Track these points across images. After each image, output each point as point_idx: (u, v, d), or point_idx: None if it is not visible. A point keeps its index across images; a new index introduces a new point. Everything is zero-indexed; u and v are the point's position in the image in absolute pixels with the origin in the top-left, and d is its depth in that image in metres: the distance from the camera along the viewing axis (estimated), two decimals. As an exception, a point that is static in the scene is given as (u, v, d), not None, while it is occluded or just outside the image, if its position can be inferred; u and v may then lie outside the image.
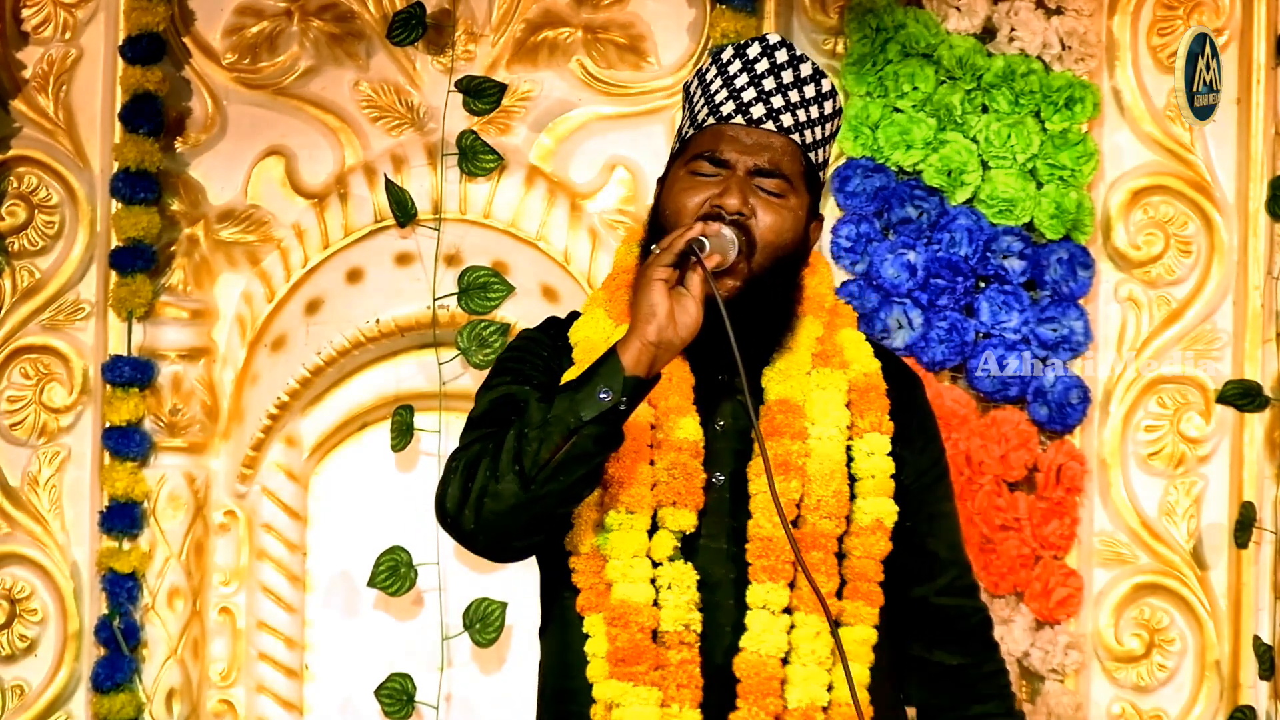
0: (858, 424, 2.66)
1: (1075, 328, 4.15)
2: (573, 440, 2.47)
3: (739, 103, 2.63)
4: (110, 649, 4.27)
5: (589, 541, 2.61)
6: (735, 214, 2.58)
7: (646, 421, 2.61)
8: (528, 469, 2.48)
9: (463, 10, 4.31)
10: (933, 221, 4.16)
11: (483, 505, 2.51)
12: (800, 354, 2.67)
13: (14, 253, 4.38)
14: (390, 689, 4.24)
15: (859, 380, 2.67)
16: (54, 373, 4.37)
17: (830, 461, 2.62)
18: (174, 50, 4.36)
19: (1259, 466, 4.21)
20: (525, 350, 2.74)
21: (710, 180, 2.61)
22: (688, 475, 2.59)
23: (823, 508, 2.60)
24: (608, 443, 2.49)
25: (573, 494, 2.52)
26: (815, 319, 2.70)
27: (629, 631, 2.57)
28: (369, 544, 4.28)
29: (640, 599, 2.57)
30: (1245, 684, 4.20)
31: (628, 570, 2.58)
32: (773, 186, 2.62)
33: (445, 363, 4.28)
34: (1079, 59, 4.17)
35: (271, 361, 4.34)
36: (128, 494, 4.27)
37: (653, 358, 2.48)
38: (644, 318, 2.47)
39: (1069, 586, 4.14)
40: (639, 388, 2.48)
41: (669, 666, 2.57)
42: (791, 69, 2.64)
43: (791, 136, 2.63)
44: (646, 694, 2.56)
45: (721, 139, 2.63)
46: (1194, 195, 4.24)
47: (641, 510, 2.59)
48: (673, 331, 2.48)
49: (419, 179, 4.30)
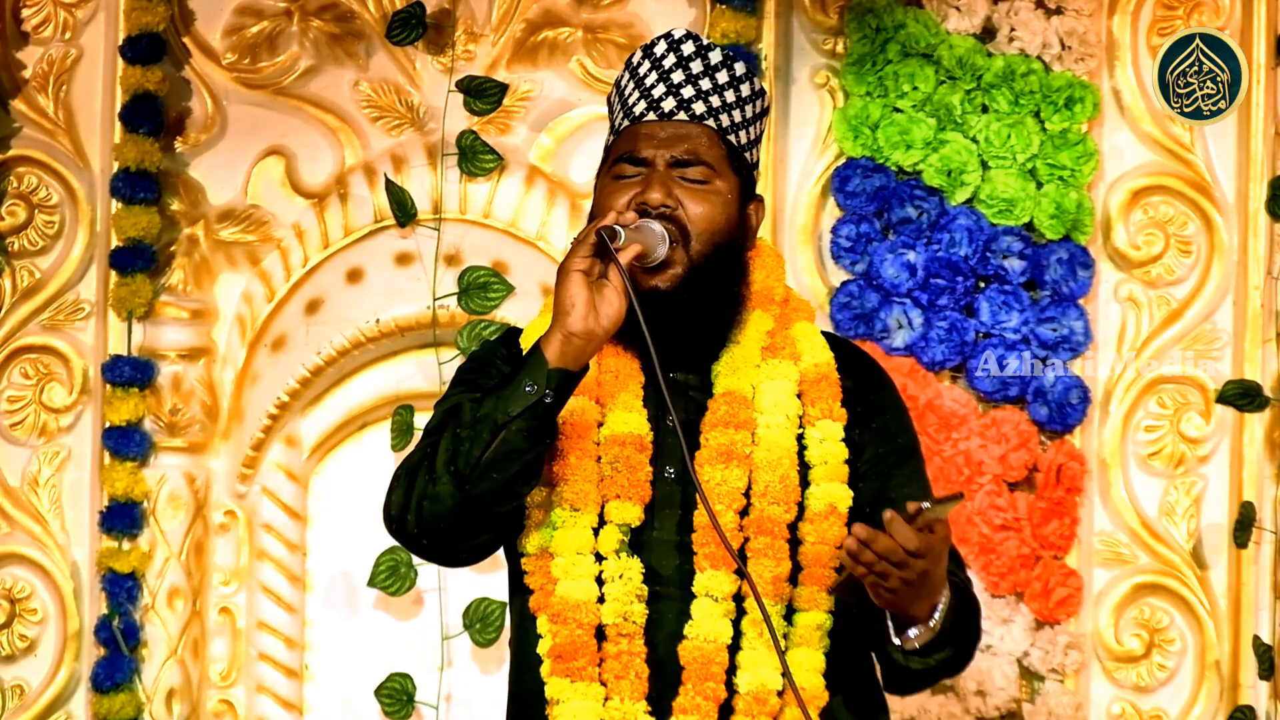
0: (809, 412, 2.65)
1: (1075, 328, 4.15)
2: (501, 436, 2.48)
3: (650, 100, 2.65)
4: (110, 649, 4.27)
5: (537, 541, 2.62)
6: (660, 207, 2.59)
7: (593, 419, 2.62)
8: (461, 468, 2.50)
9: (463, 10, 4.31)
10: (933, 221, 4.16)
11: (423, 508, 2.54)
12: (748, 347, 2.67)
13: (14, 253, 4.38)
14: (390, 689, 4.25)
15: (810, 370, 2.67)
16: (54, 373, 4.37)
17: (778, 449, 2.62)
18: (174, 50, 4.36)
19: (1259, 466, 4.21)
20: (482, 361, 2.76)
21: (633, 180, 2.63)
22: (632, 469, 2.60)
23: (770, 493, 2.60)
24: (537, 437, 2.50)
25: (510, 491, 2.53)
26: (765, 312, 2.70)
27: (569, 628, 2.58)
28: (369, 544, 4.28)
29: (582, 595, 2.58)
30: (1245, 684, 4.20)
31: (571, 567, 2.59)
32: (695, 174, 2.63)
33: (445, 363, 4.28)
34: (1079, 59, 4.17)
35: (271, 361, 4.34)
36: (128, 494, 4.27)
37: (577, 350, 2.49)
38: (563, 310, 2.49)
39: (1069, 586, 4.14)
40: (564, 380, 2.49)
41: (610, 659, 2.57)
42: (700, 59, 2.66)
43: (706, 123, 2.64)
44: (587, 689, 2.57)
45: (638, 138, 2.65)
46: (1194, 195, 4.24)
47: (587, 507, 2.60)
48: (594, 321, 2.49)
49: (419, 179, 4.30)
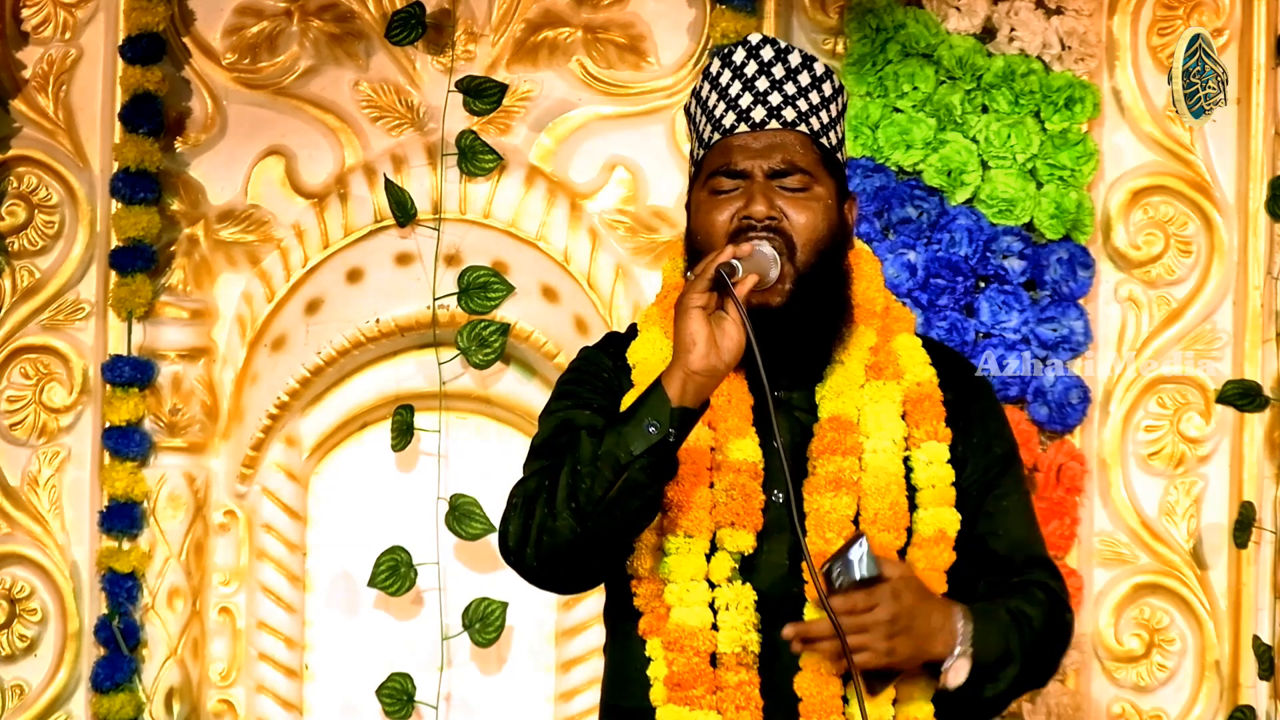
0: (914, 434, 2.65)
1: (1075, 328, 4.15)
2: (624, 475, 2.47)
3: (738, 111, 2.63)
4: (110, 649, 4.27)
5: (648, 565, 2.61)
6: (766, 219, 2.58)
7: (706, 444, 2.61)
8: (583, 505, 2.48)
9: (463, 10, 4.31)
10: (933, 221, 4.16)
11: (542, 542, 2.52)
12: (853, 367, 2.66)
13: (14, 253, 4.38)
14: (390, 689, 4.25)
15: (913, 390, 2.66)
16: (54, 373, 4.37)
17: (885, 475, 2.61)
18: (174, 50, 4.36)
19: (1259, 466, 4.21)
20: (584, 372, 2.73)
21: (732, 194, 2.61)
22: (746, 496, 2.59)
23: (880, 520, 2.60)
24: (660, 474, 2.49)
25: (631, 525, 2.53)
26: (867, 327, 2.68)
27: (685, 655, 2.57)
28: (369, 544, 4.28)
29: (697, 622, 2.57)
30: (1245, 684, 4.20)
31: (685, 594, 2.58)
32: (794, 183, 2.61)
33: (445, 363, 4.27)
34: (1079, 59, 4.17)
35: (271, 361, 4.34)
36: (128, 494, 4.27)
37: (698, 386, 2.48)
38: (684, 347, 2.47)
39: (1069, 586, 4.13)
40: (686, 418, 2.48)
41: (727, 688, 2.56)
42: (781, 63, 2.64)
43: (798, 129, 2.62)
44: (704, 717, 2.56)
45: (731, 150, 2.62)
46: (1194, 195, 4.24)
47: (700, 534, 2.59)
48: (715, 358, 2.47)
49: (419, 179, 4.30)
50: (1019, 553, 2.69)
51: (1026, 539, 2.72)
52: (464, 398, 4.30)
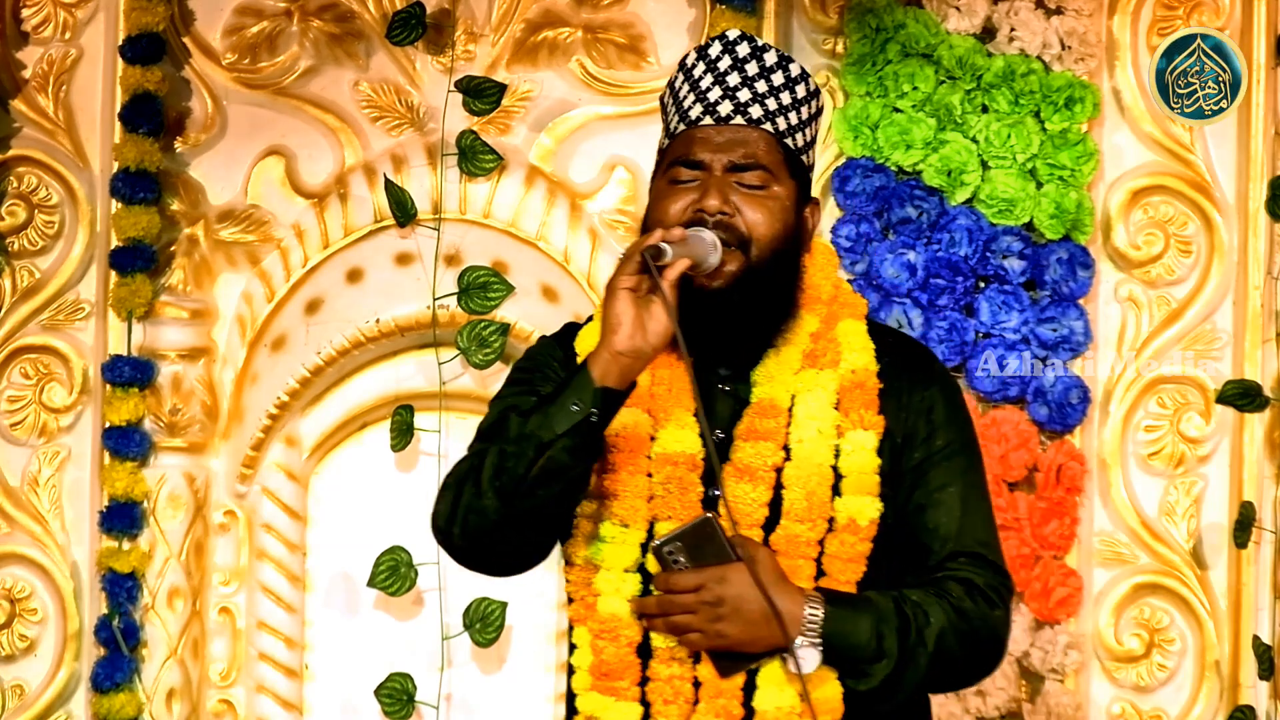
0: (842, 423, 2.61)
1: (1075, 328, 4.15)
2: (547, 455, 2.47)
3: (705, 103, 2.62)
4: (110, 649, 4.27)
5: (583, 553, 2.61)
6: (718, 214, 2.57)
7: (646, 433, 2.60)
8: (506, 485, 2.49)
9: (463, 10, 4.31)
10: (933, 221, 4.16)
11: (469, 521, 2.53)
12: (789, 353, 2.64)
13: (14, 253, 4.38)
14: (390, 689, 4.25)
15: (848, 377, 2.63)
16: (54, 373, 4.37)
17: (809, 464, 2.59)
18: (174, 50, 4.36)
19: (1259, 466, 4.21)
20: (537, 360, 2.73)
21: (689, 185, 2.60)
22: (682, 489, 2.58)
23: (794, 512, 2.57)
24: (583, 454, 2.49)
25: (556, 507, 2.53)
26: (811, 313, 2.66)
27: (616, 645, 2.57)
28: (369, 544, 4.28)
29: (627, 613, 2.57)
30: (1245, 684, 4.20)
31: (619, 584, 2.57)
32: (753, 179, 2.60)
33: (445, 363, 4.28)
34: (1079, 59, 4.17)
35: (271, 361, 4.34)
36: (128, 494, 4.27)
37: (622, 367, 2.47)
38: (609, 328, 2.47)
39: (1069, 586, 4.14)
40: (609, 398, 2.48)
41: (658, 681, 2.56)
42: (755, 60, 2.63)
43: (763, 127, 2.61)
44: (627, 709, 2.56)
45: (693, 142, 2.62)
46: (1194, 195, 4.24)
47: (636, 523, 2.58)
48: (641, 339, 2.47)
49: (419, 179, 4.30)
50: (946, 545, 2.61)
51: (957, 531, 2.62)
52: (464, 398, 4.30)
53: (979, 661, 2.59)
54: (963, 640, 2.55)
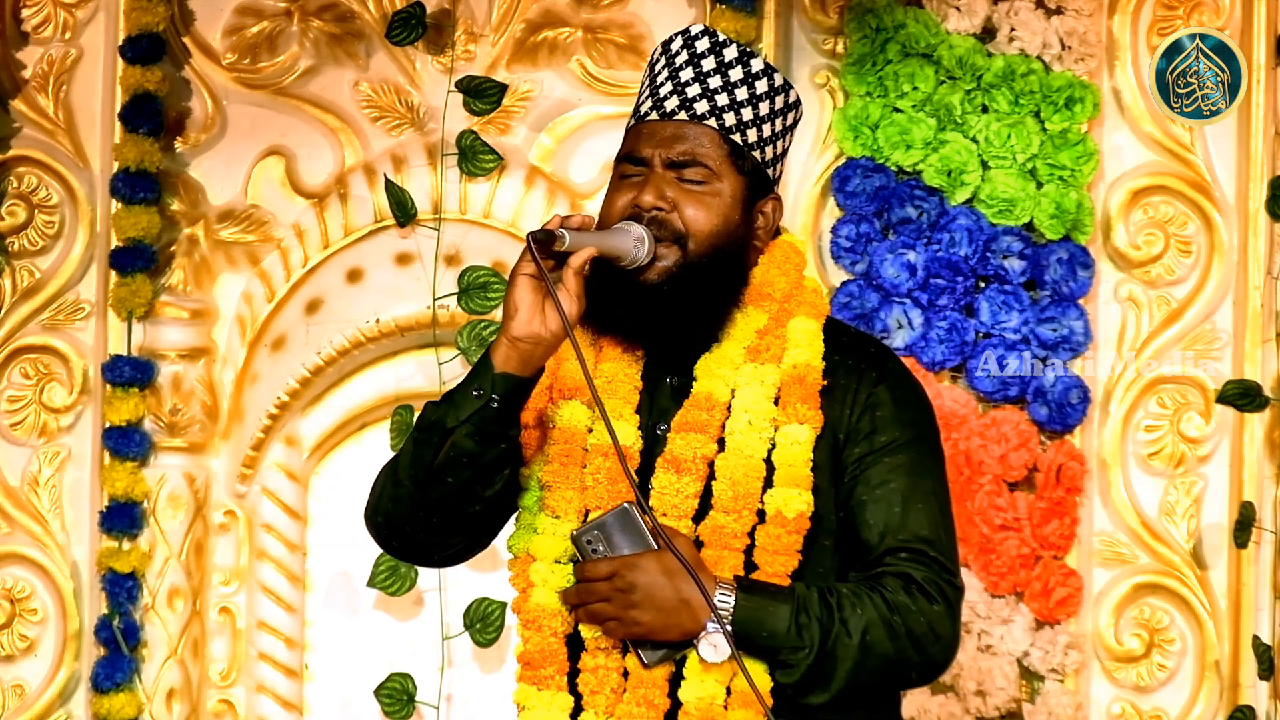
0: (779, 417, 2.60)
1: (1075, 328, 4.15)
2: (450, 441, 2.50)
3: (655, 99, 2.64)
4: (110, 649, 4.27)
5: (522, 543, 2.62)
6: (652, 210, 2.57)
7: (583, 425, 2.61)
8: (419, 473, 2.53)
9: (463, 10, 4.31)
10: (933, 221, 4.16)
11: (390, 510, 2.59)
12: (730, 347, 2.63)
13: (14, 253, 4.38)
14: (390, 689, 4.25)
15: (789, 372, 2.61)
16: (54, 373, 4.37)
17: (740, 457, 2.57)
18: (174, 50, 4.36)
19: (1259, 466, 4.21)
20: None
21: (633, 180, 2.61)
22: (612, 480, 2.57)
23: (722, 503, 2.55)
24: (487, 440, 2.50)
25: (465, 494, 2.54)
26: (757, 309, 2.64)
27: (541, 635, 2.59)
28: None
29: (555, 603, 2.57)
30: (1245, 684, 4.20)
31: (549, 574, 2.58)
32: (692, 175, 2.60)
33: (445, 363, 4.28)
34: (1079, 59, 4.17)
35: (271, 361, 4.34)
36: (128, 494, 4.27)
37: (523, 354, 2.49)
38: (507, 314, 2.50)
39: (1069, 586, 4.14)
40: (511, 384, 2.49)
41: (585, 671, 2.56)
42: (713, 55, 2.63)
43: (707, 122, 2.61)
44: (554, 698, 2.58)
45: (640, 137, 2.63)
46: (1194, 195, 4.24)
47: (568, 514, 2.58)
48: (540, 325, 2.49)
49: (419, 179, 4.30)
50: (884, 541, 2.57)
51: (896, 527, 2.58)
52: (464, 398, 4.30)
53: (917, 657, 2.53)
54: (894, 634, 2.51)
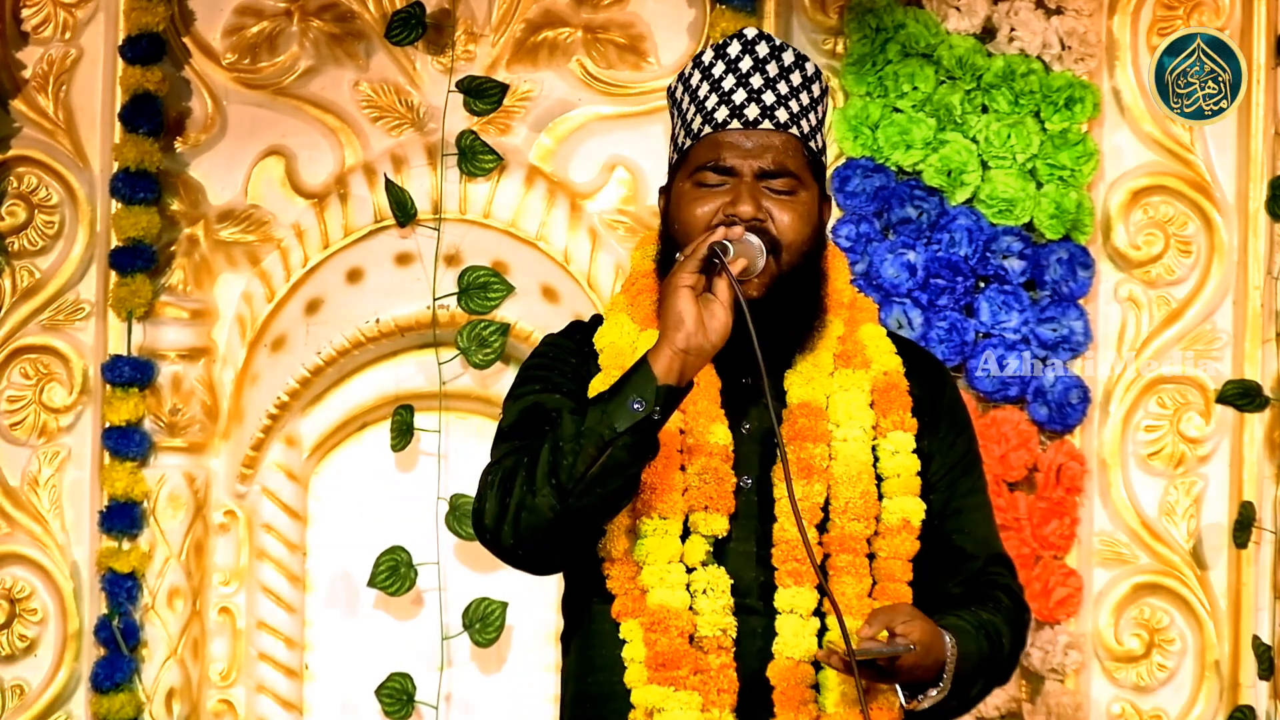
0: (881, 423, 2.64)
1: (1075, 328, 4.15)
2: (608, 452, 2.46)
3: (731, 106, 2.61)
4: (110, 649, 4.27)
5: (622, 548, 2.60)
6: (751, 220, 2.57)
7: (676, 427, 2.60)
8: (564, 482, 2.47)
9: (463, 10, 4.31)
10: (933, 221, 4.16)
11: (520, 520, 2.51)
12: (822, 355, 2.66)
13: (14, 253, 4.38)
14: (390, 689, 4.25)
15: (880, 379, 2.66)
16: (54, 373, 4.37)
17: (855, 463, 2.61)
18: (174, 50, 4.36)
19: (1259, 466, 4.21)
20: (552, 357, 2.72)
21: (718, 190, 2.60)
22: (719, 480, 2.59)
23: (850, 510, 2.60)
24: (642, 452, 2.49)
25: (610, 505, 2.52)
26: (836, 317, 2.69)
27: (669, 636, 2.57)
28: (369, 544, 4.28)
29: (678, 604, 2.57)
30: (1245, 684, 4.20)
31: (664, 576, 2.57)
32: (782, 185, 2.61)
33: (445, 363, 4.28)
34: (1079, 59, 4.17)
35: (271, 361, 4.34)
36: (128, 494, 4.27)
37: (684, 365, 2.47)
38: (673, 325, 2.46)
39: (1069, 586, 4.14)
40: (671, 396, 2.47)
41: (708, 671, 2.57)
42: (775, 61, 2.63)
43: (790, 131, 2.61)
44: (688, 698, 2.56)
45: (721, 146, 2.61)
46: (1194, 195, 4.24)
47: (674, 516, 2.58)
48: (702, 337, 2.46)
49: (419, 179, 4.30)
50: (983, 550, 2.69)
51: (989, 536, 2.72)
52: (464, 398, 4.30)
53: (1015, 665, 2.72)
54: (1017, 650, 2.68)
